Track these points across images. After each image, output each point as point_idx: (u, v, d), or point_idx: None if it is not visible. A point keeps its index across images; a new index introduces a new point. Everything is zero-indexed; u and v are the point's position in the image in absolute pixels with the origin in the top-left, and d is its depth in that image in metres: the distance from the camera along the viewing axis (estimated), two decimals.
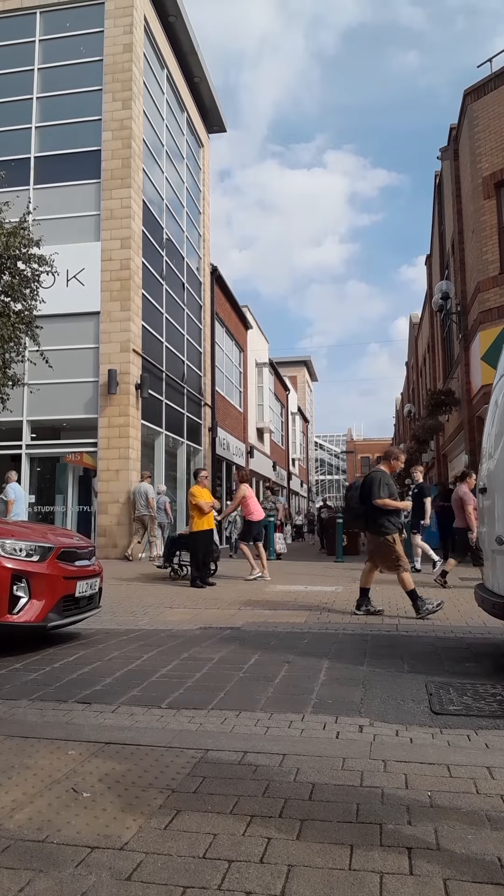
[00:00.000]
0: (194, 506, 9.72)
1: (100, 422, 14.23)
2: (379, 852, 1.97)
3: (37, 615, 4.85)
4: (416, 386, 32.50)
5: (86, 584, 5.45)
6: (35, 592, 4.87)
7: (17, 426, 14.51)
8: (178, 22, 17.60)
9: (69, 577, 5.19)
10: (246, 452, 26.71)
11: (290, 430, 41.73)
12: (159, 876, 1.86)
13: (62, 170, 15.20)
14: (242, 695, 3.75)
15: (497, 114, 13.26)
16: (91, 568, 5.60)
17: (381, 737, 3.03)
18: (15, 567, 4.81)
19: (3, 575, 4.74)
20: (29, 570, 4.86)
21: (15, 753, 2.82)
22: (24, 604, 4.81)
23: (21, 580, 4.82)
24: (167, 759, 2.74)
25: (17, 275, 10.15)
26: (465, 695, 3.69)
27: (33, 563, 4.92)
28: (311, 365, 59.79)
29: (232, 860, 1.94)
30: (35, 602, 4.85)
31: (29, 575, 4.86)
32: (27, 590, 4.84)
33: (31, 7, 15.60)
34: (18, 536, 5.05)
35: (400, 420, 49.15)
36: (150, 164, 16.35)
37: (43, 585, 4.92)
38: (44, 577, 4.94)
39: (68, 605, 5.20)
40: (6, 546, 4.87)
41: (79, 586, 5.32)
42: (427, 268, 24.33)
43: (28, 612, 4.81)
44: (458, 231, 15.22)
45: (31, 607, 4.83)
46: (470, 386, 14.62)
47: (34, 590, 4.86)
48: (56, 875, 1.87)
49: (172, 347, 17.71)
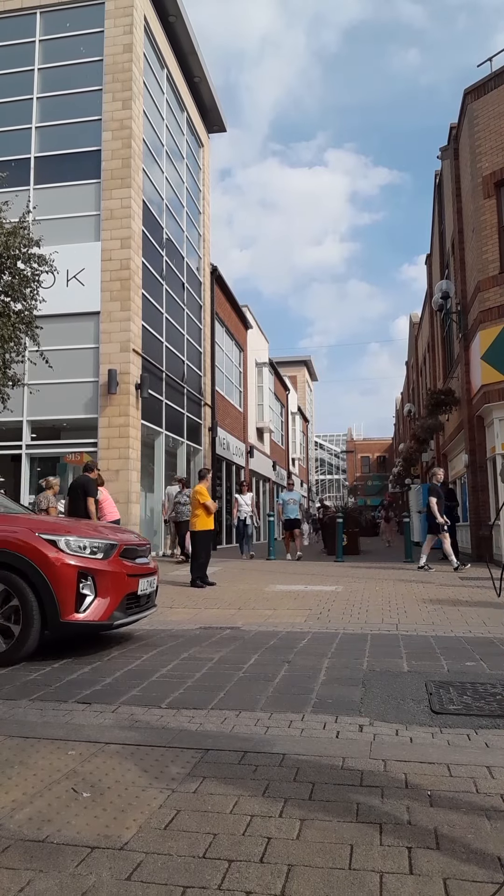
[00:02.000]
0: (201, 505, 9.70)
1: (100, 422, 14.22)
2: (379, 851, 1.98)
3: (103, 613, 4.77)
4: (416, 385, 32.50)
5: (146, 581, 5.39)
6: (100, 590, 4.78)
7: (18, 426, 14.51)
8: (178, 22, 17.60)
9: (132, 575, 5.12)
10: (246, 452, 26.72)
11: (290, 429, 41.72)
12: (159, 876, 1.86)
13: (62, 170, 15.19)
14: (242, 695, 3.75)
15: (497, 113, 13.25)
16: (150, 565, 5.54)
17: (381, 736, 3.03)
18: (80, 564, 4.71)
19: (69, 573, 4.65)
20: (94, 568, 4.78)
21: (15, 753, 2.82)
22: (91, 602, 4.72)
23: (87, 578, 4.73)
24: (167, 758, 2.74)
25: (17, 274, 10.14)
26: (465, 694, 3.69)
27: (98, 561, 4.83)
28: (311, 364, 59.79)
29: (232, 860, 1.94)
30: (100, 600, 4.77)
31: (94, 572, 4.77)
32: (93, 588, 4.75)
33: (31, 7, 15.60)
34: (81, 533, 4.96)
35: (400, 419, 49.16)
36: (150, 163, 16.35)
37: (108, 583, 4.83)
38: (108, 575, 4.86)
39: (131, 603, 5.13)
40: (70, 543, 4.77)
41: (140, 584, 5.25)
42: (427, 267, 24.32)
43: (94, 611, 4.73)
44: (459, 230, 15.22)
45: (97, 605, 4.74)
46: (470, 385, 14.61)
47: (100, 588, 4.78)
48: (56, 875, 1.87)
49: (172, 347, 17.71)
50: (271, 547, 15.47)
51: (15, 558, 4.61)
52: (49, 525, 5.03)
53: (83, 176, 15.10)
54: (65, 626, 4.61)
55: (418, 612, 6.77)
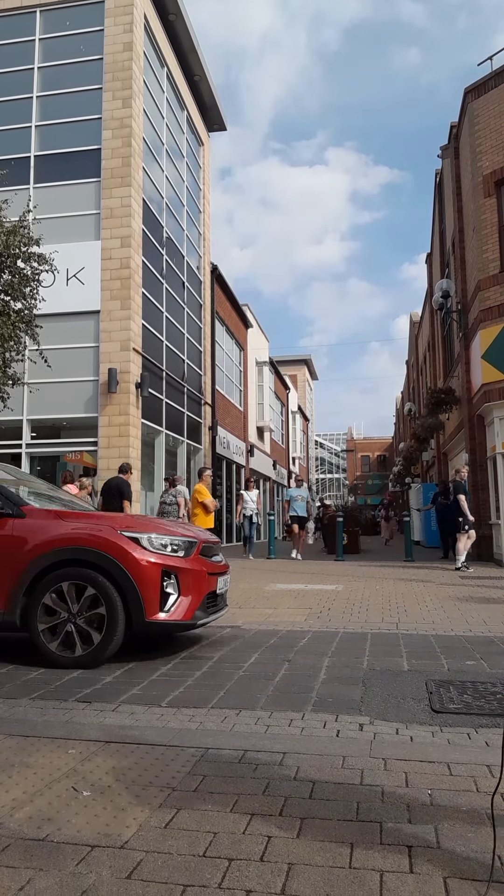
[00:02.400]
0: (200, 503, 9.70)
1: (100, 421, 14.22)
2: (379, 850, 1.98)
3: (186, 613, 4.66)
4: (417, 384, 32.50)
5: (223, 580, 5.29)
6: (183, 589, 4.67)
7: (17, 425, 14.51)
8: (179, 20, 17.58)
9: (212, 573, 5.02)
10: (246, 451, 26.71)
11: (291, 428, 41.71)
12: (160, 874, 1.86)
13: (62, 168, 15.18)
14: (243, 693, 3.75)
15: (497, 112, 13.24)
16: (224, 564, 5.44)
17: (382, 735, 3.03)
18: (164, 562, 4.60)
19: (153, 571, 4.53)
20: (177, 566, 4.67)
21: (15, 752, 2.82)
22: (175, 601, 4.61)
23: (170, 576, 4.62)
24: (167, 757, 2.74)
25: (17, 273, 10.14)
26: (466, 693, 3.69)
27: (179, 559, 4.72)
28: (311, 363, 59.77)
29: (232, 858, 1.94)
30: (183, 599, 4.66)
31: (177, 571, 4.66)
32: (176, 586, 4.64)
33: (30, 6, 15.58)
34: (161, 531, 4.84)
35: (400, 418, 49.15)
36: (149, 162, 16.34)
37: (190, 581, 4.72)
38: (190, 573, 4.75)
39: (210, 602, 5.02)
40: (153, 541, 4.66)
41: (218, 582, 5.15)
42: (427, 266, 24.31)
43: (178, 610, 4.62)
44: (459, 229, 15.21)
45: (180, 605, 4.63)
46: (470, 384, 14.61)
47: (182, 586, 4.67)
48: (56, 873, 1.87)
49: (172, 346, 17.70)
50: (271, 546, 15.47)
51: (99, 556, 4.48)
52: (130, 522, 4.91)
53: (83, 175, 15.09)
54: (150, 625, 4.50)
55: (418, 611, 6.77)
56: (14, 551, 4.57)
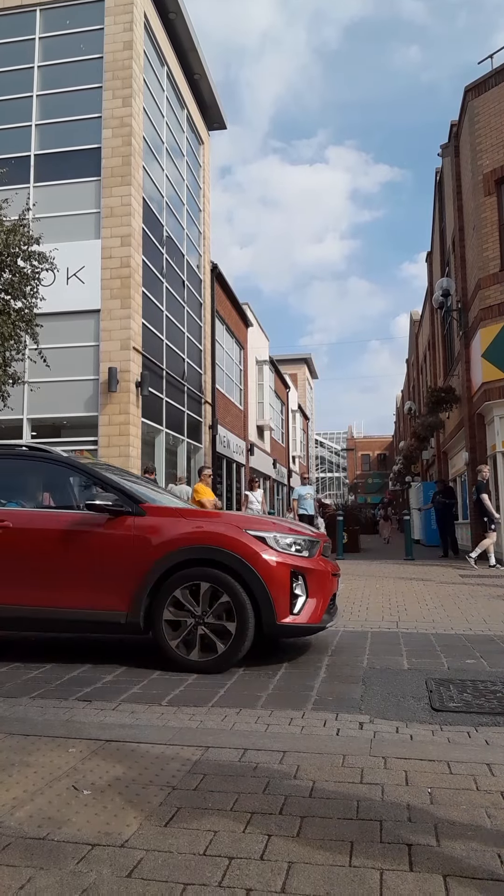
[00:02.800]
0: (197, 502, 9.74)
1: (100, 420, 14.23)
2: (379, 849, 1.98)
3: (314, 615, 4.43)
4: (417, 383, 32.49)
5: (339, 581, 5.11)
6: (311, 591, 4.45)
7: (18, 424, 14.51)
8: (178, 19, 17.57)
9: (333, 574, 4.81)
10: (246, 450, 26.72)
11: (291, 427, 41.73)
12: (160, 873, 1.86)
13: (62, 167, 15.18)
14: (243, 692, 3.75)
15: (498, 110, 13.23)
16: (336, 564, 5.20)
17: (382, 734, 3.03)
18: (292, 563, 4.38)
19: (283, 572, 4.32)
20: (304, 567, 4.44)
21: (16, 751, 2.83)
22: (303, 603, 4.40)
23: (298, 577, 4.40)
24: (168, 756, 2.75)
25: (17, 272, 10.14)
26: (466, 692, 3.69)
27: (305, 559, 4.50)
28: (311, 362, 59.78)
29: (232, 857, 1.94)
30: (311, 601, 4.44)
31: (305, 571, 4.44)
32: (304, 588, 4.43)
33: (30, 5, 15.57)
34: (283, 529, 4.62)
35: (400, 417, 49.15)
36: (150, 161, 16.33)
37: (315, 583, 4.50)
38: (316, 574, 4.51)
39: (332, 604, 4.82)
40: (279, 540, 4.44)
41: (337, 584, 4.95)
42: (428, 265, 24.29)
43: (306, 613, 4.39)
44: (459, 228, 15.20)
45: (308, 607, 4.42)
46: (470, 383, 14.60)
47: (310, 588, 4.45)
48: (57, 872, 1.87)
49: (173, 345, 17.70)
50: None
51: (227, 556, 4.26)
52: (252, 521, 4.69)
53: (83, 173, 15.09)
54: (280, 629, 4.30)
55: (419, 610, 6.77)
56: (137, 551, 4.39)
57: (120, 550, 4.42)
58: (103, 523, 4.50)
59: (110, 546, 4.46)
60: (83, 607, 4.42)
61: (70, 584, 4.46)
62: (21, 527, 4.60)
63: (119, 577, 4.38)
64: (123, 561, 4.40)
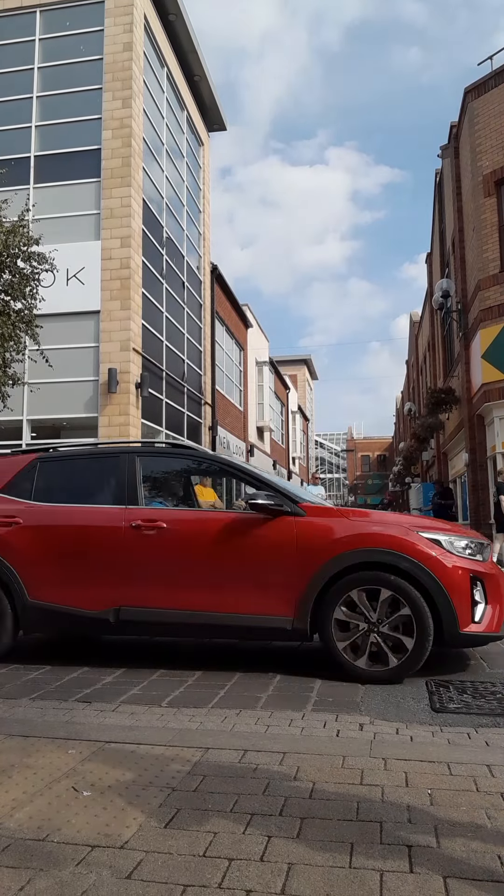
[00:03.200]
0: None
1: (100, 421, 14.22)
2: (379, 850, 1.97)
3: (494, 623, 4.09)
4: (417, 384, 32.49)
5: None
6: (489, 597, 4.15)
7: (17, 425, 14.51)
8: (178, 20, 17.58)
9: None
10: (246, 451, 26.72)
11: (291, 428, 41.72)
12: (160, 874, 1.86)
13: (62, 169, 15.18)
14: (243, 693, 3.75)
15: (497, 112, 13.24)
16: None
17: (382, 735, 3.03)
18: (471, 568, 4.07)
19: (464, 577, 3.99)
20: (481, 571, 4.12)
21: (15, 752, 2.82)
22: (483, 611, 4.09)
23: (476, 583, 4.09)
24: (167, 757, 2.74)
25: (17, 273, 10.14)
26: (465, 693, 3.69)
27: (480, 563, 4.17)
28: (311, 363, 59.78)
29: (232, 858, 1.94)
30: (489, 608, 4.12)
31: (483, 577, 4.12)
32: (483, 594, 4.12)
33: (30, 6, 15.58)
34: (454, 532, 4.31)
35: (400, 418, 49.15)
36: (149, 162, 16.34)
37: (493, 588, 4.18)
38: (492, 579, 4.19)
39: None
40: (454, 543, 4.12)
41: None
42: (427, 266, 24.31)
43: (487, 620, 4.07)
44: (459, 229, 15.21)
45: (488, 615, 4.10)
46: (470, 384, 14.61)
47: (488, 594, 4.15)
48: (56, 874, 1.87)
49: (172, 346, 17.70)
50: None
51: (401, 559, 3.98)
52: (421, 522, 4.43)
53: (83, 175, 15.09)
54: (463, 637, 4.00)
55: None
56: (302, 553, 4.12)
57: (282, 552, 4.15)
58: (263, 523, 4.25)
59: (272, 547, 4.19)
60: (245, 612, 4.17)
61: (229, 588, 4.22)
62: (176, 528, 4.38)
63: (283, 581, 4.13)
64: (287, 563, 4.13)
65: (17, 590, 4.47)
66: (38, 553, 4.49)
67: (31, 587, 4.47)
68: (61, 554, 4.50)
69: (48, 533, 4.57)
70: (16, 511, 4.64)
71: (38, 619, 4.50)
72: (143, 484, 4.64)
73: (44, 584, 4.46)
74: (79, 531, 4.55)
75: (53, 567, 4.47)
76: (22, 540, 4.55)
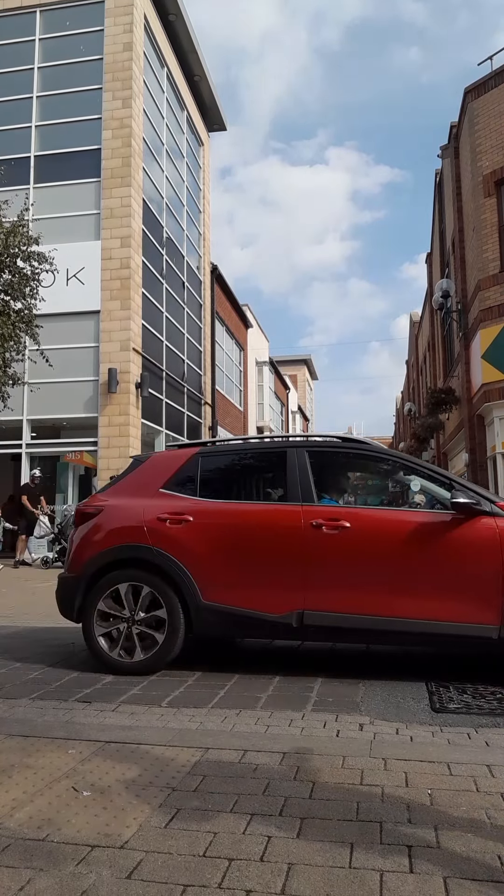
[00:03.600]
0: None
1: (100, 421, 14.23)
2: (379, 850, 1.97)
3: None
4: (417, 384, 32.49)
5: None
6: None
7: (18, 425, 14.51)
8: (178, 20, 17.58)
9: None
10: None
11: (291, 428, 41.74)
12: (160, 874, 1.86)
13: (62, 169, 15.19)
14: (243, 693, 3.75)
15: (497, 112, 13.23)
16: None
17: (382, 735, 3.03)
18: None
19: None
20: None
21: (15, 752, 2.82)
22: None
23: None
24: (167, 757, 2.74)
25: (17, 273, 10.15)
26: (465, 693, 3.69)
27: None
28: (311, 363, 59.78)
29: (232, 858, 1.94)
30: None
31: None
32: None
33: (30, 6, 15.58)
34: None
35: (400, 418, 49.14)
36: (149, 162, 16.35)
37: None
38: None
39: None
40: None
41: None
42: (427, 266, 24.31)
43: None
44: (459, 229, 15.20)
45: None
46: (470, 384, 14.60)
47: None
48: (56, 873, 1.87)
49: (172, 346, 17.70)
50: None
51: None
52: None
53: (83, 175, 15.10)
54: None
55: None
56: None
57: (484, 555, 3.87)
58: (459, 524, 3.97)
59: (472, 550, 3.91)
60: (442, 619, 3.88)
61: (423, 592, 3.94)
62: (360, 526, 4.10)
63: (485, 586, 3.83)
64: (490, 566, 3.84)
65: (189, 590, 4.16)
66: (211, 552, 4.21)
67: (205, 588, 4.17)
68: (237, 553, 4.22)
69: (221, 531, 4.29)
70: (184, 508, 4.34)
71: (213, 622, 4.19)
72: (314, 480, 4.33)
73: (218, 585, 4.17)
74: (254, 529, 4.26)
75: (229, 567, 4.20)
76: (193, 538, 4.25)
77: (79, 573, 4.39)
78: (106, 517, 4.50)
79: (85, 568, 4.36)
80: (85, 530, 4.53)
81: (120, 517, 4.46)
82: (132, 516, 4.40)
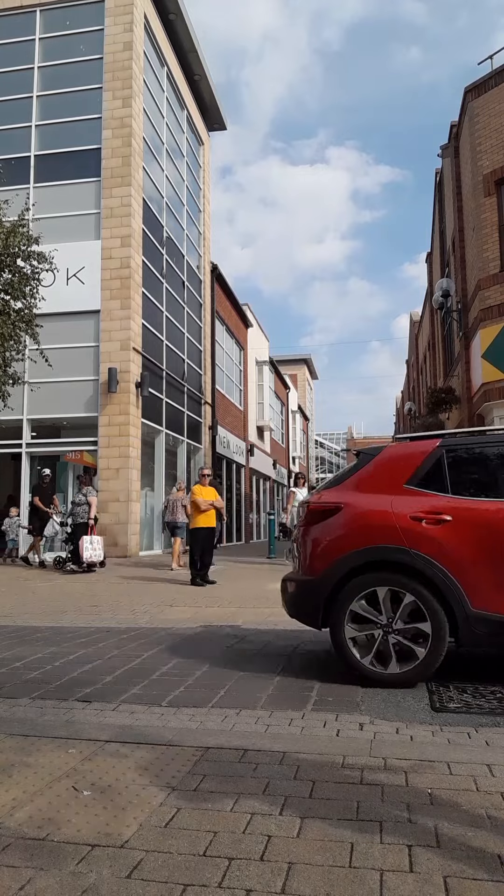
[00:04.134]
0: (192, 503, 9.84)
1: (100, 420, 14.23)
2: (379, 849, 1.98)
3: None
4: (417, 384, 32.48)
5: None
6: None
7: (18, 425, 14.51)
8: (178, 20, 17.58)
9: None
10: (246, 451, 26.71)
11: (291, 428, 41.71)
12: (160, 874, 1.86)
13: (62, 168, 15.19)
14: (243, 692, 3.75)
15: (498, 111, 13.23)
16: None
17: (382, 734, 3.03)
18: None
19: None
20: None
21: (15, 752, 2.83)
22: None
23: None
24: (167, 756, 2.74)
25: (17, 272, 10.15)
26: (466, 692, 3.69)
27: None
28: (311, 363, 59.75)
29: (232, 858, 1.94)
30: None
31: None
32: None
33: (30, 5, 15.58)
34: None
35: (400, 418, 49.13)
36: (150, 162, 16.34)
37: None
38: None
39: None
40: None
41: None
42: (427, 265, 24.30)
43: None
44: (459, 229, 15.20)
45: None
46: (470, 384, 14.60)
47: None
48: (57, 873, 1.87)
49: (172, 346, 17.70)
50: (272, 545, 15.45)
51: None
52: None
53: (83, 174, 15.10)
54: None
55: None
56: None
57: None
58: None
59: None
60: None
61: None
62: None
63: None
64: None
65: (456, 598, 3.75)
66: (479, 556, 3.79)
67: (474, 596, 3.75)
68: None
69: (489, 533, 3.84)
70: (440, 507, 3.93)
71: (486, 633, 3.76)
72: None
73: (491, 593, 3.75)
74: None
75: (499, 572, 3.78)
76: (455, 540, 3.84)
77: (321, 576, 4.02)
78: (348, 516, 4.10)
79: (329, 571, 3.98)
80: (323, 530, 4.14)
81: (366, 516, 4.06)
82: (381, 515, 3.99)
